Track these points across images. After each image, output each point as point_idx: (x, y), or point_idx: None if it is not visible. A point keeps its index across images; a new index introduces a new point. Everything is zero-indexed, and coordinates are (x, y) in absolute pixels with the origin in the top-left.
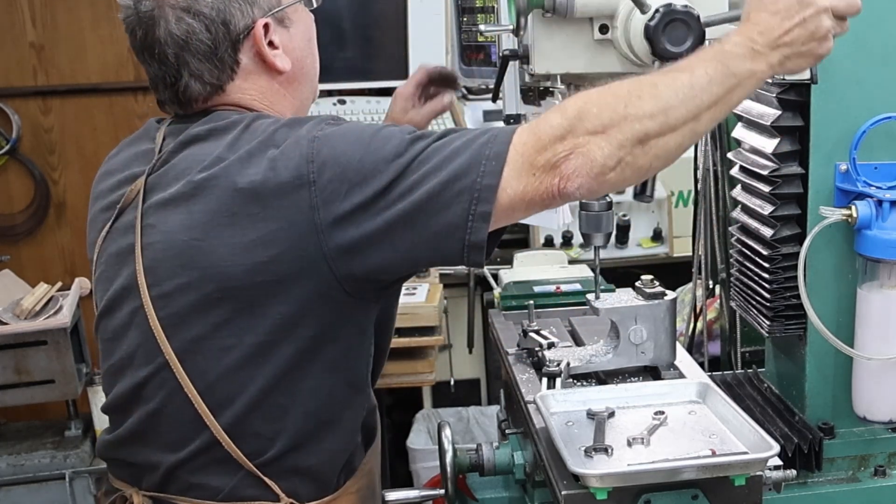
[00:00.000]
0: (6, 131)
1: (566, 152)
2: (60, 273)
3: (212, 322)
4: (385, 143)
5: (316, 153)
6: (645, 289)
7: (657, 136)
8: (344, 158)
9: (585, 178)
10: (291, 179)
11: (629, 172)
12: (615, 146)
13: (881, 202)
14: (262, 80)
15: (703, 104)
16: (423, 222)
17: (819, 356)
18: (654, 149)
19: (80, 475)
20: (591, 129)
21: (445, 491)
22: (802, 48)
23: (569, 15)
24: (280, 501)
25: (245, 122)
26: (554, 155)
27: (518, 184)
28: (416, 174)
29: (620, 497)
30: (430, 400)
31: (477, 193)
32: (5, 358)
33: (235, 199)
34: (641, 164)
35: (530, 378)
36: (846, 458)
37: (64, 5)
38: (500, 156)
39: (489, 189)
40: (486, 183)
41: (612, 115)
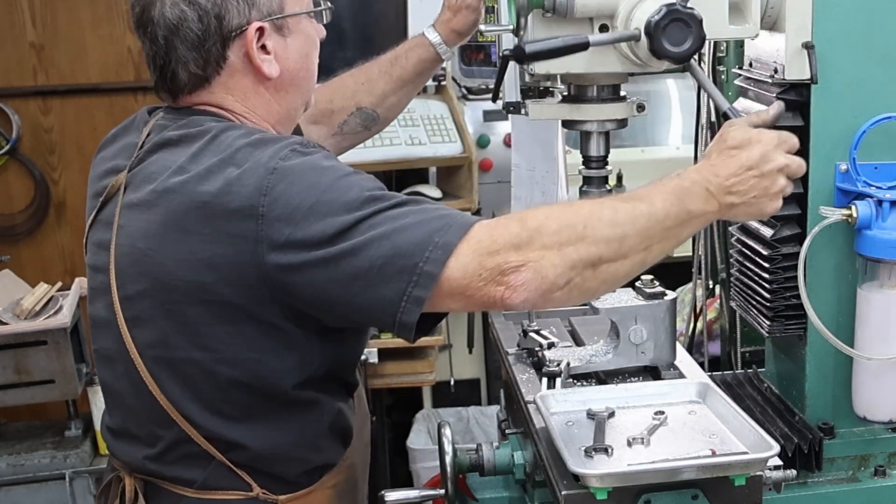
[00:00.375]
0: (6, 131)
1: (518, 263)
2: (60, 273)
3: (165, 330)
4: (341, 195)
5: (271, 187)
6: (645, 289)
7: (609, 261)
8: (297, 199)
9: (532, 294)
10: (242, 209)
11: (576, 293)
12: (568, 266)
13: (881, 202)
14: (248, 82)
15: (656, 236)
16: (359, 288)
17: (819, 356)
18: (604, 274)
19: (80, 475)
20: (547, 244)
21: (445, 491)
22: (753, 201)
23: (569, 15)
24: (253, 491)
25: (213, 133)
26: (505, 262)
27: (462, 279)
28: (362, 237)
29: (620, 497)
30: (430, 400)
31: (416, 277)
32: (5, 358)
33: (188, 217)
34: (589, 287)
35: (530, 378)
36: (846, 458)
37: (64, 5)
38: (448, 246)
39: (429, 276)
40: (428, 270)
41: (570, 234)
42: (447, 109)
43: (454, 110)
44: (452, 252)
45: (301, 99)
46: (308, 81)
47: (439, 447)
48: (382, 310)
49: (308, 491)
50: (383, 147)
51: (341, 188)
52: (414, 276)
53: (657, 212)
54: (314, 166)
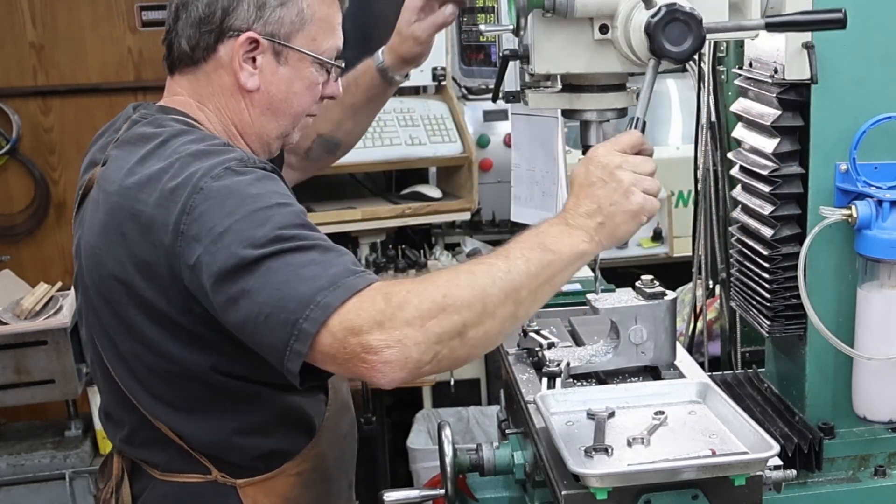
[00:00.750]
0: (6, 131)
1: (381, 345)
2: (60, 273)
3: (111, 323)
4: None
5: (193, 206)
6: (645, 289)
7: (475, 325)
8: (210, 223)
9: (398, 373)
10: (167, 223)
11: (446, 364)
12: (432, 341)
13: (881, 202)
14: (228, 82)
15: (521, 287)
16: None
17: (819, 356)
18: (473, 339)
19: (80, 475)
20: (408, 320)
21: (445, 491)
22: (612, 208)
23: (569, 15)
24: (212, 474)
25: (163, 138)
26: (367, 343)
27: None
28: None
29: (620, 497)
30: (430, 400)
31: (297, 332)
32: (5, 358)
33: (126, 222)
34: (459, 356)
35: (530, 378)
36: (846, 458)
37: (64, 5)
38: (327, 308)
39: (307, 334)
40: (306, 328)
41: (430, 306)
42: (447, 109)
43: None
44: (330, 316)
45: (276, 127)
46: (287, 116)
47: (439, 447)
48: (270, 353)
49: (267, 476)
50: (383, 147)
51: (256, 221)
52: (295, 330)
53: (515, 262)
54: (238, 191)
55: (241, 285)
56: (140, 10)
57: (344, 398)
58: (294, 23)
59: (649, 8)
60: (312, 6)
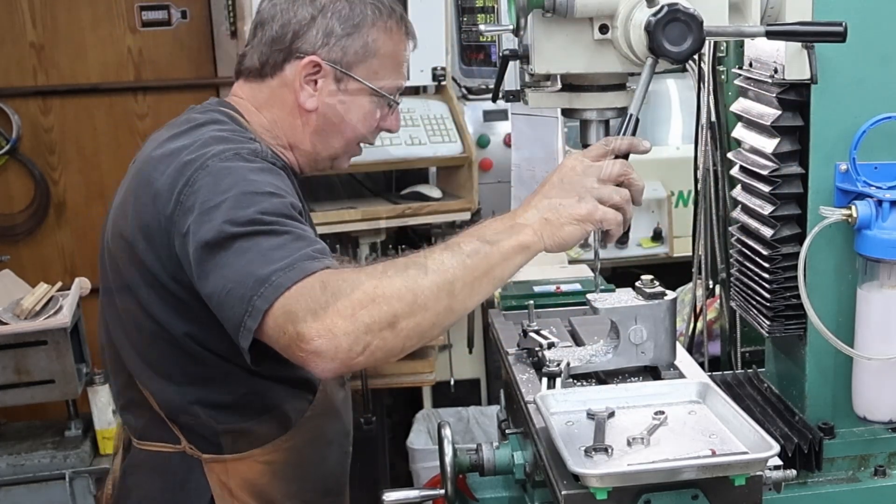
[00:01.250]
0: (6, 131)
1: (313, 334)
2: (60, 273)
3: (113, 279)
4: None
5: (195, 181)
6: (645, 289)
7: (407, 316)
8: (203, 197)
9: (329, 363)
10: (171, 194)
11: (380, 355)
12: (362, 331)
13: (881, 202)
14: (290, 100)
15: (456, 280)
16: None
17: (819, 356)
18: (406, 331)
19: (80, 475)
20: (340, 311)
21: (445, 491)
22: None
23: (569, 15)
24: (181, 444)
25: (199, 122)
26: (299, 333)
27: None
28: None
29: (620, 497)
30: (430, 400)
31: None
32: (5, 358)
33: (141, 186)
34: (392, 347)
35: (530, 378)
36: (846, 458)
37: (64, 5)
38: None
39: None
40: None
41: (361, 297)
42: (447, 109)
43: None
44: (278, 297)
45: (326, 148)
46: (339, 139)
47: (439, 447)
48: (230, 328)
49: (234, 457)
50: (383, 147)
51: (243, 202)
52: (249, 307)
53: (453, 254)
54: (237, 173)
55: (216, 259)
56: (140, 10)
57: (335, 407)
58: (358, 53)
59: (651, 6)
60: (378, 41)
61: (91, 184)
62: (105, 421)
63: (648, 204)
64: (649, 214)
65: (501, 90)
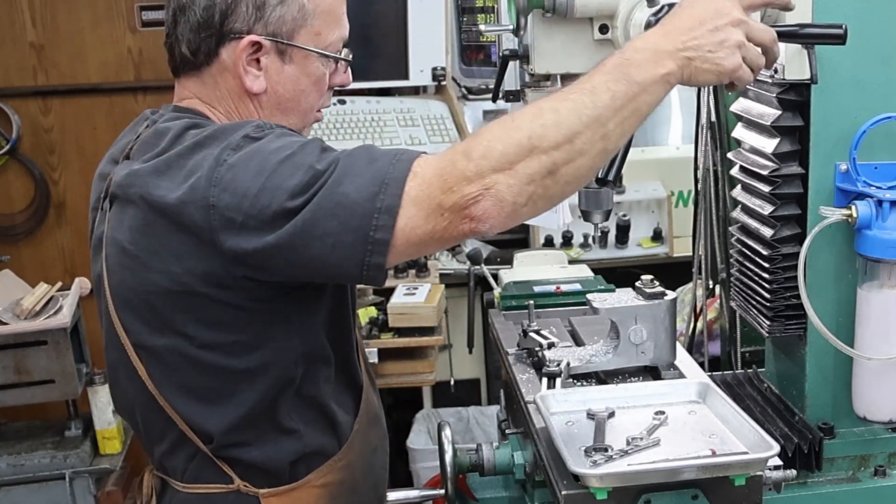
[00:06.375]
0: (6, 131)
1: (475, 195)
2: (60, 273)
3: (145, 321)
4: (286, 178)
5: (219, 178)
6: (645, 289)
7: (566, 163)
8: (243, 188)
9: (497, 219)
10: (196, 200)
11: (542, 204)
12: (524, 182)
13: (881, 202)
14: (235, 85)
15: (608, 122)
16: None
17: (819, 356)
18: (566, 177)
19: (80, 475)
20: (497, 168)
21: (445, 491)
22: (709, 55)
23: (569, 15)
24: (234, 483)
25: (176, 131)
26: (462, 197)
27: (424, 228)
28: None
29: (620, 497)
30: (430, 400)
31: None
32: (5, 358)
33: (150, 210)
34: (554, 194)
35: (530, 378)
36: (846, 458)
37: (64, 5)
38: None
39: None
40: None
41: (517, 151)
42: (447, 109)
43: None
44: (397, 213)
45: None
46: (297, 115)
47: (439, 447)
48: (347, 278)
49: (292, 487)
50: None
51: (286, 171)
52: (368, 245)
53: (601, 97)
54: (261, 151)
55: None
56: (140, 10)
57: (375, 410)
58: (296, 19)
59: (651, 6)
60: None
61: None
62: (105, 421)
63: (648, 204)
64: (649, 214)
65: (501, 90)
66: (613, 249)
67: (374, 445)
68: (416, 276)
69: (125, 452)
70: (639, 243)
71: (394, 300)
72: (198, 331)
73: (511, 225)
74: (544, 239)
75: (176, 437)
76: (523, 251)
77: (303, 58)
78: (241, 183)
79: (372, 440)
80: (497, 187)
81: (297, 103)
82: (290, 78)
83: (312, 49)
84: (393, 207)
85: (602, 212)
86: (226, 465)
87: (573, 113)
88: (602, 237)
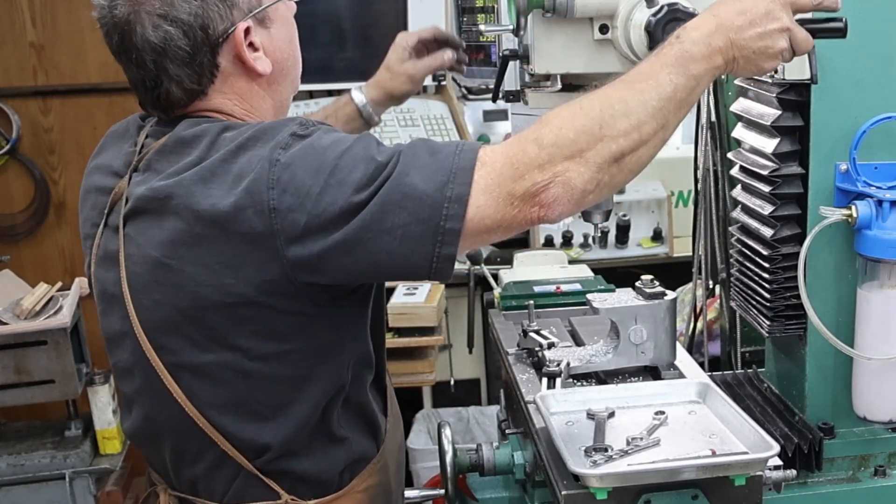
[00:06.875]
0: (6, 131)
1: (545, 182)
2: (60, 273)
3: (189, 338)
4: (348, 173)
5: (276, 179)
6: (645, 289)
7: (632, 152)
8: (304, 187)
9: (566, 206)
10: (252, 205)
11: (606, 191)
12: (594, 170)
13: (881, 202)
14: (242, 83)
15: (670, 112)
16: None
17: (819, 356)
18: (630, 164)
19: (80, 475)
20: (568, 156)
21: (445, 491)
22: (753, 56)
23: (569, 15)
24: (281, 499)
25: (211, 136)
26: (533, 185)
27: (495, 216)
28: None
29: (620, 497)
30: (430, 400)
31: (440, 237)
32: (5, 358)
33: (198, 221)
34: (618, 182)
35: (530, 378)
36: (846, 458)
37: (64, 5)
38: (461, 197)
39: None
40: (450, 227)
41: (588, 139)
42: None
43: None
44: (468, 202)
45: (292, 86)
46: (296, 67)
47: (439, 447)
48: (415, 272)
49: (338, 496)
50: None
51: (347, 166)
52: (438, 236)
53: (665, 88)
54: (315, 147)
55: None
56: None
57: (397, 408)
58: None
59: (651, 6)
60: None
61: None
62: (105, 421)
63: (648, 204)
64: (649, 214)
65: (501, 90)
66: (613, 249)
67: (400, 443)
68: None
69: (125, 452)
70: (639, 243)
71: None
72: (252, 342)
73: (576, 212)
74: (544, 239)
75: (216, 458)
76: (523, 251)
77: (274, 11)
78: (302, 182)
79: (398, 438)
80: (568, 174)
81: (294, 58)
82: (279, 37)
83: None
84: (463, 196)
85: (602, 212)
86: (273, 480)
87: (640, 104)
88: (602, 237)
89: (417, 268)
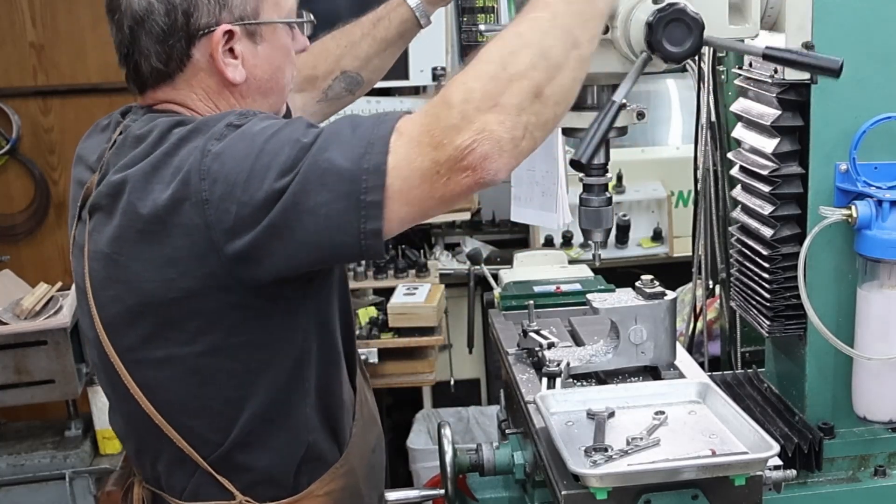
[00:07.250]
0: (6, 131)
1: (468, 143)
2: (60, 273)
3: (140, 334)
4: (274, 157)
5: (207, 170)
6: (645, 289)
7: (548, 81)
8: (233, 175)
9: (500, 160)
10: (188, 197)
11: (539, 133)
12: (515, 114)
13: (881, 202)
14: (213, 83)
15: (573, 28)
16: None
17: (819, 356)
18: (554, 96)
19: (80, 475)
20: (482, 108)
21: (445, 491)
22: None
23: None
24: (235, 499)
25: (160, 130)
26: (455, 149)
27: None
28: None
29: (620, 497)
30: (430, 400)
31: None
32: (5, 358)
33: (139, 218)
34: (548, 118)
35: (530, 378)
36: (846, 458)
37: (64, 5)
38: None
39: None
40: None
41: (496, 85)
42: None
43: None
44: (385, 172)
45: (268, 108)
46: (277, 94)
47: (439, 447)
48: (346, 251)
49: (296, 499)
50: None
51: (273, 150)
52: (361, 210)
53: (557, 7)
54: (246, 135)
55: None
56: None
57: (371, 411)
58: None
59: (657, 2)
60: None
61: None
62: (105, 421)
63: (648, 204)
64: (649, 214)
65: None
66: (613, 249)
67: (373, 446)
68: (416, 276)
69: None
70: (639, 243)
71: (394, 300)
72: (200, 337)
73: (515, 165)
74: (544, 239)
75: (173, 455)
76: (523, 251)
77: (271, 33)
78: (230, 170)
79: (370, 441)
80: (489, 128)
81: (276, 82)
82: (265, 57)
83: (278, 20)
84: (380, 166)
85: (602, 230)
86: (227, 479)
87: (535, 30)
88: None
89: (347, 246)
